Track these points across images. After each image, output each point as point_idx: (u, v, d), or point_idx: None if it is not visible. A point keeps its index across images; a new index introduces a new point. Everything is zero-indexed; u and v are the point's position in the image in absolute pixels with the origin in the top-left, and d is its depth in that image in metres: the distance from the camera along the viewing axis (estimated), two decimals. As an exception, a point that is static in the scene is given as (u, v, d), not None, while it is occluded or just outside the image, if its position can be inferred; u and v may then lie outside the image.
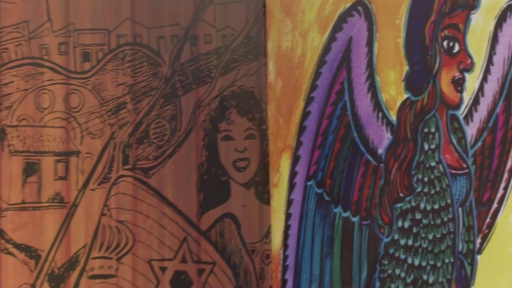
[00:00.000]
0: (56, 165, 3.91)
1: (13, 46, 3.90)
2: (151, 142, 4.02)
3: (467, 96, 2.97)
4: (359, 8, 3.39)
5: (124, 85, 3.99)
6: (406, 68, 3.12)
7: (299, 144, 3.74)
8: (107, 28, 4.00)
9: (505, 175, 2.94)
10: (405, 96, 3.12)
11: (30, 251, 3.86)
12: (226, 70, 4.07)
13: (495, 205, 2.95)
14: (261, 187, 4.08)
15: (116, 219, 3.95)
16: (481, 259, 2.97)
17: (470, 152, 2.97)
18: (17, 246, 3.83)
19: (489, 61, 2.96)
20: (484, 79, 2.96)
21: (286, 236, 3.85)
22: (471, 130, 2.97)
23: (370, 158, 3.32)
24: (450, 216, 3.01)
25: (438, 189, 3.04)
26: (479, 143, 2.99)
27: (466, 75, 2.97)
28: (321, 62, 3.65)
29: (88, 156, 3.94)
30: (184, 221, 4.04)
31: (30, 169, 3.90)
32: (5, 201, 3.87)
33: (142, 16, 4.06)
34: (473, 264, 2.94)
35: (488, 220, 2.97)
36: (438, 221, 3.06)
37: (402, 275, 3.19)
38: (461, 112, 3.00)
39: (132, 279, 3.99)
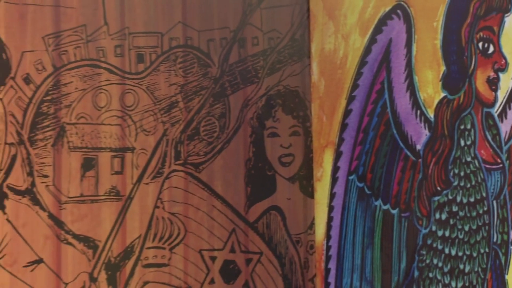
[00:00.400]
0: (112, 160, 4.02)
1: (72, 49, 3.99)
2: (202, 138, 4.12)
3: (501, 94, 3.02)
4: (399, 11, 3.46)
5: (176, 85, 4.09)
6: (443, 68, 3.17)
7: (341, 140, 3.83)
8: (160, 31, 4.09)
9: (537, 170, 2.99)
10: (442, 94, 3.18)
11: (88, 242, 3.97)
12: (272, 70, 4.16)
13: (527, 198, 3.01)
14: (305, 181, 4.16)
15: (169, 211, 4.05)
16: (515, 249, 3.03)
17: (504, 148, 3.02)
18: (76, 236, 3.94)
19: (522, 62, 3.01)
20: (517, 78, 3.02)
21: (329, 227, 3.95)
22: (505, 127, 3.02)
23: (409, 153, 3.40)
24: (485, 208, 3.06)
25: (473, 183, 3.10)
26: (513, 139, 3.06)
27: (501, 74, 3.02)
28: (362, 62, 3.73)
29: (142, 152, 4.04)
30: (232, 213, 4.14)
31: (88, 164, 4.01)
32: (65, 194, 3.97)
33: (193, 20, 4.15)
34: (507, 254, 2.99)
35: (521, 212, 3.02)
36: (474, 213, 3.11)
37: (440, 264, 3.26)
38: (495, 110, 3.06)
39: (184, 268, 4.07)
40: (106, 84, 4.02)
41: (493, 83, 3.02)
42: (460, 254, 3.13)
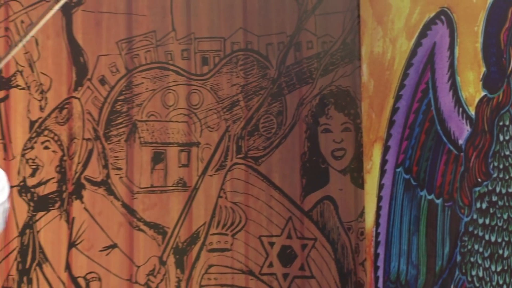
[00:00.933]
0: (179, 154, 4.26)
1: (143, 53, 4.25)
2: (261, 134, 4.36)
3: (537, 93, 3.20)
4: (442, 17, 3.63)
5: (237, 86, 4.35)
6: (483, 69, 3.31)
7: (389, 136, 4.01)
8: (222, 36, 4.35)
9: None
10: (483, 93, 3.32)
11: (158, 228, 4.22)
12: (325, 72, 4.36)
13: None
14: (356, 173, 4.36)
15: (231, 200, 4.32)
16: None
17: (540, 142, 3.19)
18: (147, 223, 4.19)
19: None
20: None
21: (378, 215, 4.12)
22: (540, 123, 3.18)
23: (451, 148, 3.57)
24: (523, 198, 3.22)
25: None
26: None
27: (536, 75, 3.20)
28: (408, 64, 3.90)
29: (207, 147, 4.29)
30: (289, 202, 4.37)
31: (158, 158, 4.25)
32: (137, 185, 4.23)
33: (253, 26, 4.39)
34: (542, 240, 3.15)
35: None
36: (512, 203, 3.28)
37: (480, 250, 3.41)
38: (531, 107, 3.23)
39: (245, 252, 4.33)
40: (174, 84, 4.27)
41: (529, 83, 3.18)
42: (499, 240, 3.26)
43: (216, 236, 4.49)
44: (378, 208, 4.12)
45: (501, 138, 3.24)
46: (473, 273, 3.48)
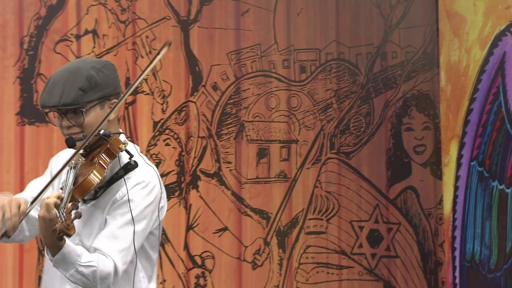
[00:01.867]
0: (281, 150, 4.54)
1: (250, 62, 4.52)
2: (351, 132, 4.64)
3: None
4: (511, 29, 3.93)
5: (330, 90, 4.63)
6: None
7: (464, 133, 4.29)
8: (318, 48, 4.62)
9: None
10: None
11: (262, 214, 4.49)
12: (408, 78, 4.64)
13: None
14: (435, 166, 4.65)
15: (325, 190, 4.59)
16: None
17: None
18: (253, 210, 4.46)
19: None
20: None
21: (454, 203, 4.39)
22: None
23: (520, 143, 3.83)
24: None
25: None
26: None
27: None
28: (481, 71, 4.14)
29: (304, 144, 4.57)
30: (376, 191, 4.65)
31: (262, 153, 4.51)
32: (244, 177, 4.51)
33: (345, 38, 4.65)
34: None
35: None
36: None
37: None
38: None
39: (338, 235, 4.60)
40: (276, 90, 4.57)
41: None
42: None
43: (312, 221, 4.69)
44: (455, 196, 4.43)
45: None
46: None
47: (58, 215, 2.56)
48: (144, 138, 4.45)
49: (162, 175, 4.21)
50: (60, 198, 2.63)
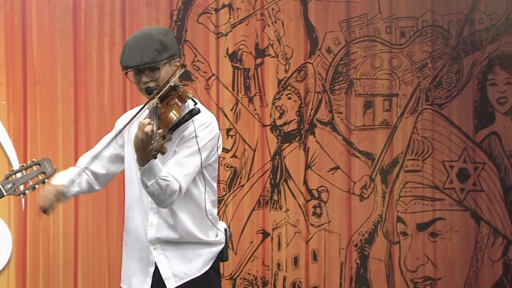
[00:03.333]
0: (383, 102, 4.75)
1: (358, 29, 4.73)
2: (443, 87, 4.83)
3: None
4: None
5: (426, 52, 4.80)
6: None
7: None
8: (415, 16, 4.80)
9: None
10: None
11: (368, 155, 4.72)
12: (492, 40, 4.83)
13: None
14: None
15: (421, 135, 4.79)
16: None
17: None
18: (360, 152, 4.70)
19: None
20: None
21: None
22: None
23: None
24: None
25: None
26: None
27: None
28: None
29: (403, 97, 4.79)
30: (464, 136, 4.87)
31: (368, 105, 4.73)
32: (353, 125, 4.70)
33: (438, 7, 4.82)
34: None
35: None
36: None
37: None
38: None
39: (432, 172, 4.83)
40: (379, 52, 4.77)
41: None
42: None
43: (410, 161, 4.85)
44: (533, 139, 4.57)
45: None
46: None
47: (152, 137, 2.79)
48: (270, 93, 4.63)
49: (285, 124, 4.65)
50: (151, 124, 2.82)
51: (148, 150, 2.83)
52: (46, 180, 3.14)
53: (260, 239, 4.65)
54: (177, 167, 3.05)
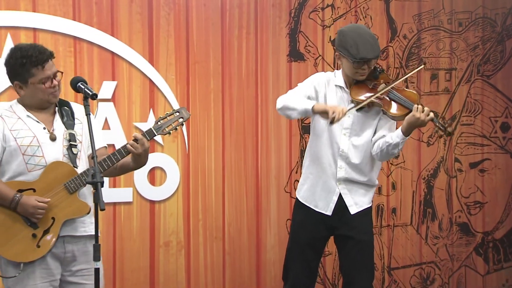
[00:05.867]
0: (445, 74, 4.94)
1: (426, 21, 4.94)
2: (491, 63, 5.13)
3: None
4: None
5: (478, 37, 5.10)
6: None
7: None
8: (470, 10, 5.12)
9: None
10: None
11: (433, 113, 4.19)
12: None
13: None
14: None
15: (473, 98, 5.04)
16: None
17: None
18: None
19: None
20: None
21: None
22: None
23: None
24: None
25: None
26: None
27: None
28: None
29: (460, 70, 5.04)
30: (506, 99, 5.20)
31: (434, 76, 4.85)
32: (422, 91, 4.85)
33: (488, 3, 5.12)
34: None
35: None
36: None
37: None
38: None
39: (481, 125, 5.13)
40: (442, 37, 5.02)
41: None
42: None
43: (465, 117, 5.08)
44: None
45: None
46: None
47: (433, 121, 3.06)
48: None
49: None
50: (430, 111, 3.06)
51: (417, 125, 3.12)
52: (184, 122, 3.21)
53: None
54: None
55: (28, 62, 3.05)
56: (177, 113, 3.21)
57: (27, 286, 3.04)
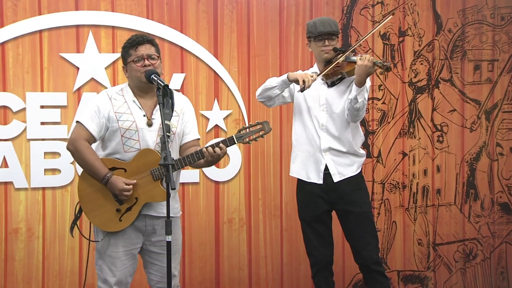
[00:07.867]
0: (488, 65, 4.90)
1: (470, 15, 4.96)
2: None
3: None
4: None
5: None
6: None
7: None
8: (511, 5, 4.97)
9: None
10: None
11: (476, 101, 4.97)
12: None
13: None
14: None
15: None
16: None
17: None
18: (470, 99, 4.92)
19: None
20: None
21: None
22: None
23: None
24: None
25: None
26: None
27: None
28: None
29: (502, 61, 4.98)
30: None
31: (477, 67, 4.85)
32: (466, 80, 4.83)
33: (501, 2, 4.94)
34: None
35: None
36: None
37: None
38: None
39: None
40: (485, 31, 5.01)
41: None
42: None
43: (506, 105, 5.07)
44: None
45: None
46: None
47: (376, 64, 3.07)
48: (408, 60, 4.81)
49: (418, 81, 4.66)
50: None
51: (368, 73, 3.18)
52: (264, 136, 3.18)
53: (401, 158, 4.80)
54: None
55: (128, 45, 3.20)
56: (259, 126, 3.20)
57: (111, 251, 3.23)
